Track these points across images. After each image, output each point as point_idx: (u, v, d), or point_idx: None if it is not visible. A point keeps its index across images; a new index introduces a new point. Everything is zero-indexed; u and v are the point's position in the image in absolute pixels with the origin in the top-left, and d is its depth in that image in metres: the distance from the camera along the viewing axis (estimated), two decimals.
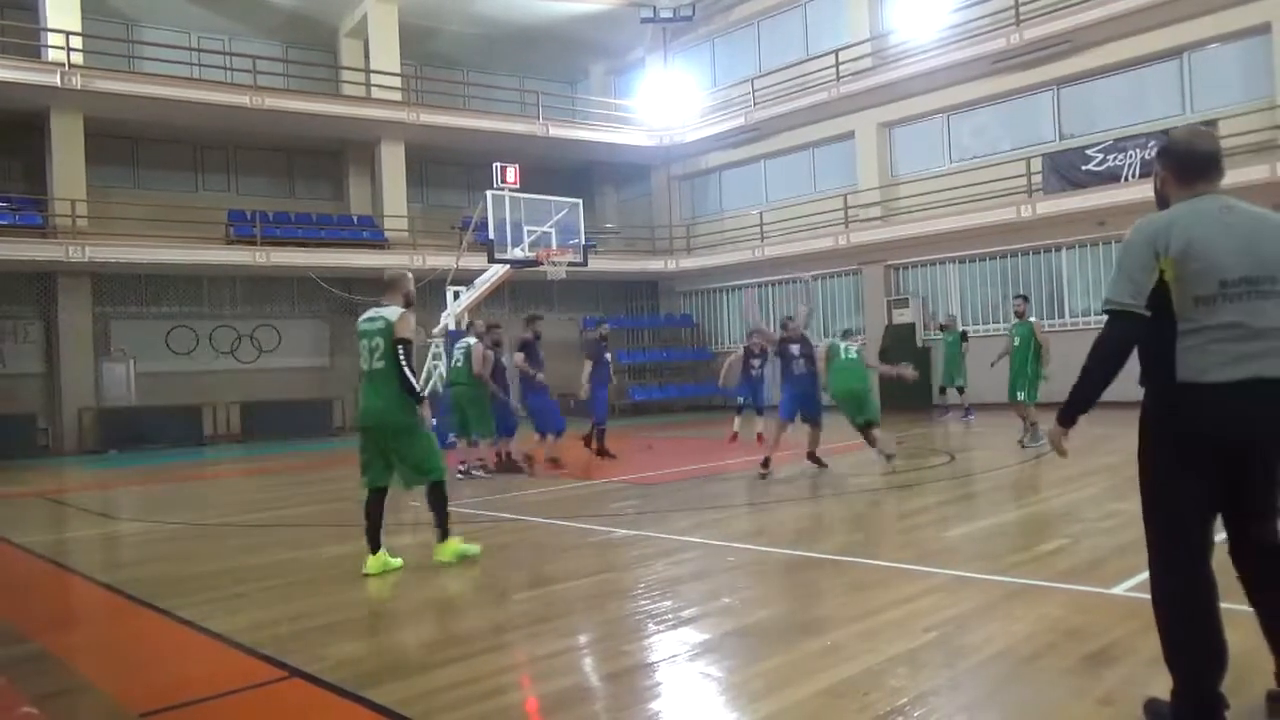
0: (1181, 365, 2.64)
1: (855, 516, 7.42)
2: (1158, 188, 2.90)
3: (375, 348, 5.64)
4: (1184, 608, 2.72)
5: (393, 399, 5.61)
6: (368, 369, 5.70)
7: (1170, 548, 2.75)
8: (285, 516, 8.58)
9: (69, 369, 18.65)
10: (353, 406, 22.00)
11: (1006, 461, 10.00)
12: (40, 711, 2.96)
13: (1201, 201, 2.72)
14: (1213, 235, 2.64)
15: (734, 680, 3.56)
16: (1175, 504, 2.72)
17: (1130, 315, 2.67)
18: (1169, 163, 2.83)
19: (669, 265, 25.06)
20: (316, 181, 23.96)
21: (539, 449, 11.31)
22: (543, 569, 5.84)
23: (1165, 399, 2.70)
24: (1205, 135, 2.90)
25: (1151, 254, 2.65)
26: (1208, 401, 2.61)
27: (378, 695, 3.46)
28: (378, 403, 5.66)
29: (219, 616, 4.78)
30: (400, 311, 5.69)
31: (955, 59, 19.16)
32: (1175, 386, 2.65)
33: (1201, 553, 2.71)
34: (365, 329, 5.73)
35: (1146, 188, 16.94)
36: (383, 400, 5.64)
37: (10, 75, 17.57)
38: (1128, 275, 2.67)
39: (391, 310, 5.70)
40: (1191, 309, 2.63)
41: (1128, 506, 6.70)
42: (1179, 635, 2.72)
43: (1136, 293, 2.65)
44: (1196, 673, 2.69)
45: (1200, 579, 2.70)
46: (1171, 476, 2.71)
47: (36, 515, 9.85)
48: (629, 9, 24.81)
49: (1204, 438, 2.64)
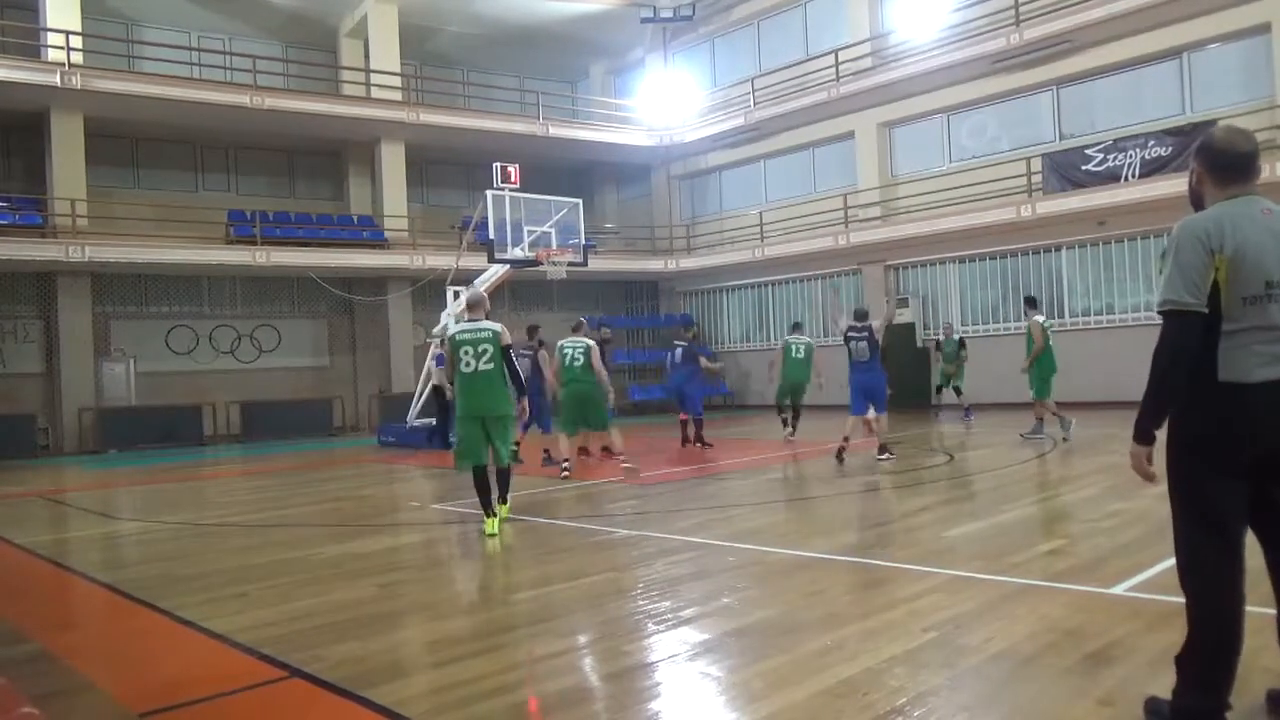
0: (1224, 365, 2.62)
1: (855, 516, 7.42)
2: (1193, 184, 2.88)
3: (483, 352, 7.05)
4: (1212, 612, 2.70)
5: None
6: (473, 370, 7.04)
7: (1202, 549, 2.72)
8: (285, 516, 8.58)
9: (69, 369, 18.64)
10: (353, 405, 22.09)
11: (1006, 461, 10.00)
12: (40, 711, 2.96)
13: (1243, 203, 2.71)
14: (1259, 237, 2.63)
15: (734, 680, 3.56)
16: (1209, 505, 2.69)
17: (1191, 314, 2.63)
18: (1208, 162, 2.80)
19: (669, 265, 25.06)
20: (316, 181, 23.97)
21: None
22: (543, 569, 5.84)
23: (1204, 399, 2.67)
24: (1245, 135, 2.86)
25: (1206, 254, 2.62)
26: (1250, 402, 2.60)
27: (378, 695, 3.46)
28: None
29: (219, 616, 4.78)
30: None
31: (955, 59, 19.16)
32: (1217, 386, 2.63)
33: (1233, 556, 2.68)
34: (470, 338, 7.08)
35: (1147, 187, 16.98)
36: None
37: (10, 75, 17.56)
38: (1186, 275, 2.63)
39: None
40: (1239, 309, 2.62)
41: (1128, 506, 6.71)
42: (1203, 637, 2.70)
43: (1197, 292, 2.62)
44: (1210, 680, 2.68)
45: (1231, 583, 2.68)
46: (1205, 477, 2.68)
47: (36, 515, 9.85)
48: (629, 9, 24.80)
49: (1244, 438, 2.62)
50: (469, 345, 7.03)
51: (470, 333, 7.06)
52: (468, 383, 7.04)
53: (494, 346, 7.03)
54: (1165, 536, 5.42)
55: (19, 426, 17.87)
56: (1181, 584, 2.79)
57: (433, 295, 20.24)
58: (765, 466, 10.92)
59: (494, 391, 7.06)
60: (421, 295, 21.35)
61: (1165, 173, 15.81)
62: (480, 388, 7.02)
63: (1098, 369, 16.65)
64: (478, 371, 7.01)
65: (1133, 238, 17.09)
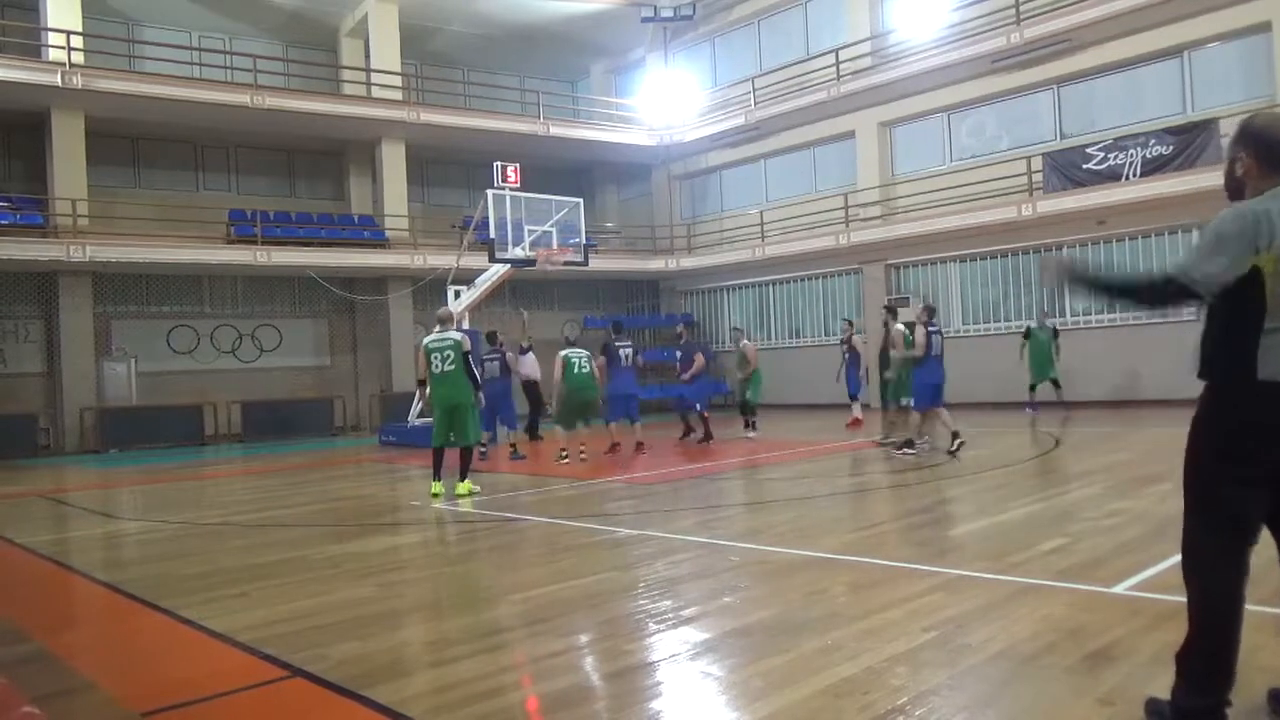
0: (1264, 363, 2.56)
1: (855, 516, 7.42)
2: (1236, 174, 2.75)
3: (447, 357, 8.07)
4: (1213, 611, 2.68)
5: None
6: (441, 371, 8.31)
7: (1209, 550, 2.69)
8: (286, 516, 8.58)
9: (70, 368, 18.65)
10: (354, 405, 22.07)
11: (1007, 460, 10.00)
12: (41, 711, 2.97)
13: None
14: None
15: (734, 679, 3.56)
16: (1223, 508, 2.65)
17: (1190, 292, 2.58)
18: (1256, 150, 2.69)
19: (669, 264, 25.05)
20: (317, 181, 23.97)
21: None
22: (543, 568, 5.84)
23: (1237, 395, 2.62)
24: None
25: (1250, 248, 2.54)
26: None
27: (379, 695, 3.46)
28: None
29: (220, 616, 4.78)
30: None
31: (955, 58, 19.16)
32: (1255, 384, 2.57)
33: (1240, 558, 2.66)
34: None
35: (1147, 187, 16.92)
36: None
37: (11, 75, 17.56)
38: (1214, 261, 2.55)
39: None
40: None
41: (1129, 505, 6.71)
42: (1203, 635, 2.69)
43: (1212, 281, 2.55)
44: (1210, 678, 2.67)
45: (1234, 584, 2.66)
46: (1225, 480, 2.64)
47: (37, 515, 9.85)
48: (629, 8, 24.80)
49: (1276, 438, 2.58)
50: (437, 352, 8.81)
51: (438, 341, 8.85)
52: (437, 381, 8.80)
53: (455, 352, 8.76)
54: (1166, 536, 5.41)
55: (20, 426, 17.89)
56: (1186, 582, 2.77)
57: (434, 295, 20.25)
58: (765, 466, 10.93)
59: (457, 387, 8.77)
60: (422, 295, 21.37)
61: (1166, 172, 15.79)
62: (446, 384, 8.77)
63: (1098, 369, 16.64)
64: (444, 372, 8.76)
65: (1133, 237, 17.07)
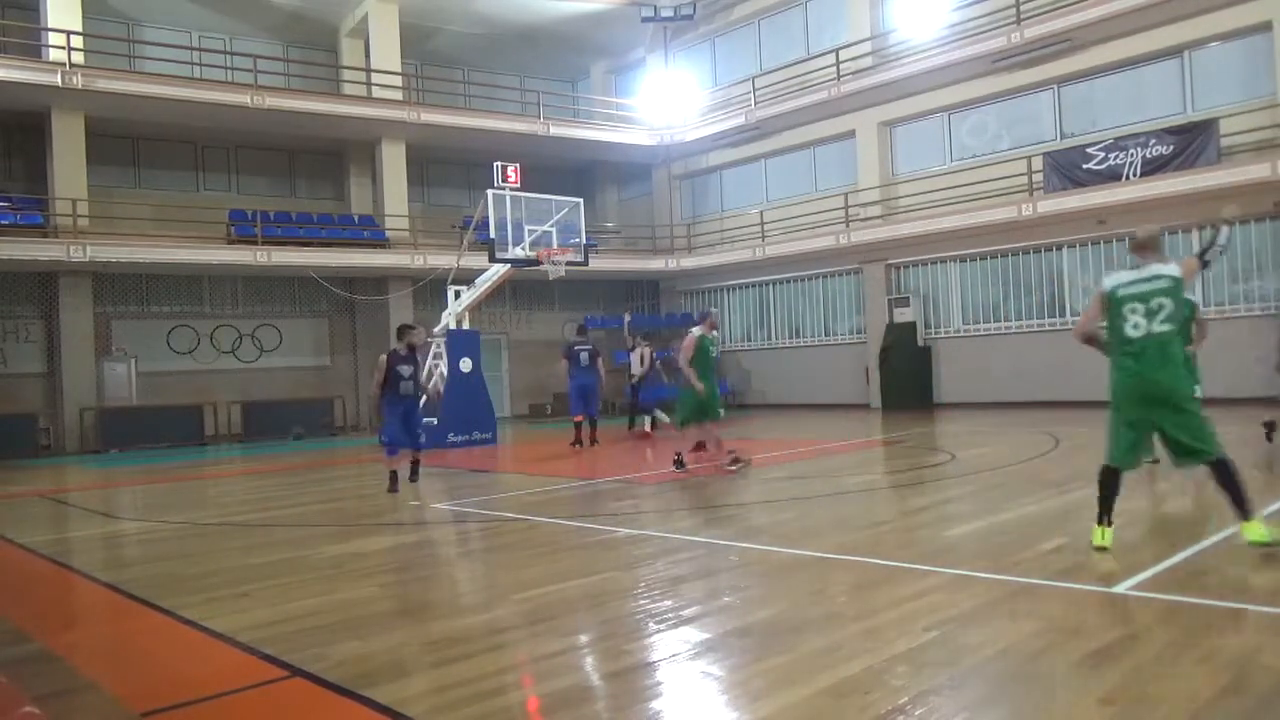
0: None
1: (856, 515, 7.42)
2: None
3: (1158, 308, 5.36)
4: None
5: (1179, 366, 5.32)
6: (1143, 334, 5.37)
7: None
8: (285, 516, 8.58)
9: (70, 369, 18.65)
10: (354, 405, 22.07)
11: (1007, 460, 9.99)
12: (41, 711, 2.96)
13: None
14: None
15: (735, 679, 3.56)
16: None
17: None
18: None
19: (670, 264, 25.04)
20: (317, 181, 23.97)
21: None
22: (543, 568, 5.83)
23: None
24: None
25: None
26: None
27: (379, 695, 3.46)
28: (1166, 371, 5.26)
29: (221, 616, 4.78)
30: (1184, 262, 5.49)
31: (956, 58, 19.15)
32: None
33: None
34: (1142, 291, 5.42)
35: (1147, 186, 16.96)
36: (1172, 367, 5.27)
37: (11, 75, 17.57)
38: None
39: (1172, 267, 5.41)
40: None
41: (1129, 505, 6.70)
42: None
43: None
44: None
45: None
46: None
47: (38, 515, 9.85)
48: (630, 8, 24.79)
49: None
50: (1136, 301, 6.53)
51: (1142, 283, 5.91)
52: (1132, 353, 6.21)
53: (1174, 300, 6.59)
54: (1166, 535, 5.42)
55: (20, 426, 17.88)
56: None
57: (434, 295, 20.26)
58: (765, 466, 10.92)
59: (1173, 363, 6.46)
60: (422, 295, 21.36)
61: (1166, 171, 15.78)
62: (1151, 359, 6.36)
63: (1098, 369, 16.61)
64: (1149, 336, 6.31)
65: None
